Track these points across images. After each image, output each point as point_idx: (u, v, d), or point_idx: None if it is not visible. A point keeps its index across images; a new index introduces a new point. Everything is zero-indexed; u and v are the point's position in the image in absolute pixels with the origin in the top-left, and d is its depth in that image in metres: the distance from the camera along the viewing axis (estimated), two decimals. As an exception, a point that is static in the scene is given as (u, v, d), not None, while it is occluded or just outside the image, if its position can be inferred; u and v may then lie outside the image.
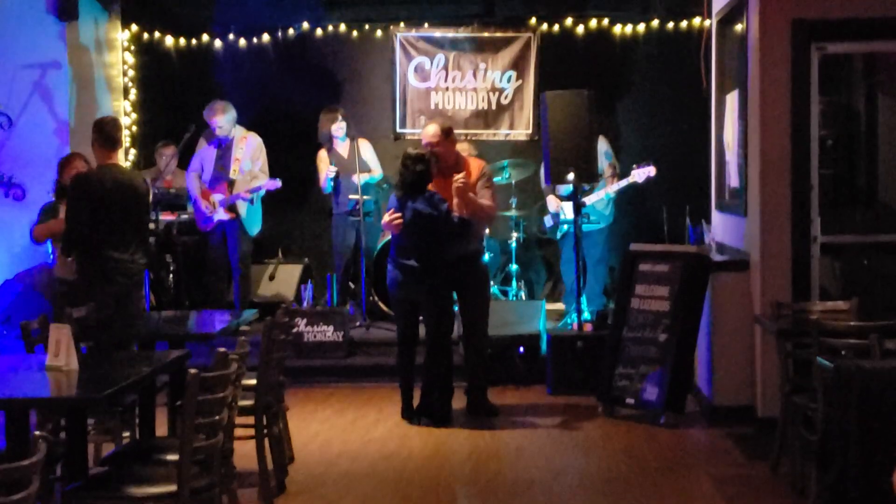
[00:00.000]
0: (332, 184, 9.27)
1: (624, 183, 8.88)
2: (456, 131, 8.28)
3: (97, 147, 6.71)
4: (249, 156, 9.19)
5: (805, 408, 5.45)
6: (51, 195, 7.78)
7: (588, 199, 8.83)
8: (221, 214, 9.12)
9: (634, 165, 8.81)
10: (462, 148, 9.04)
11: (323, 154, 9.36)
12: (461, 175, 7.05)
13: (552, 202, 9.25)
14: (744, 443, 6.59)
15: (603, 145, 9.13)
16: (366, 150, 9.39)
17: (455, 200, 7.04)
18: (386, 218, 7.17)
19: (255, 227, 9.26)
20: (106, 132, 6.72)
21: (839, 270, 7.40)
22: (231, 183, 9.10)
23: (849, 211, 7.83)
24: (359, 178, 9.02)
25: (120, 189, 6.59)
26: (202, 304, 9.14)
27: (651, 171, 8.73)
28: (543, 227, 9.52)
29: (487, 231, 9.38)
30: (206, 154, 9.23)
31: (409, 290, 7.09)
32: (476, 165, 7.38)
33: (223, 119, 9.07)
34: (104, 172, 6.65)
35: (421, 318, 7.23)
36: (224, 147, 9.20)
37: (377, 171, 9.38)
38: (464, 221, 7.02)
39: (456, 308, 7.55)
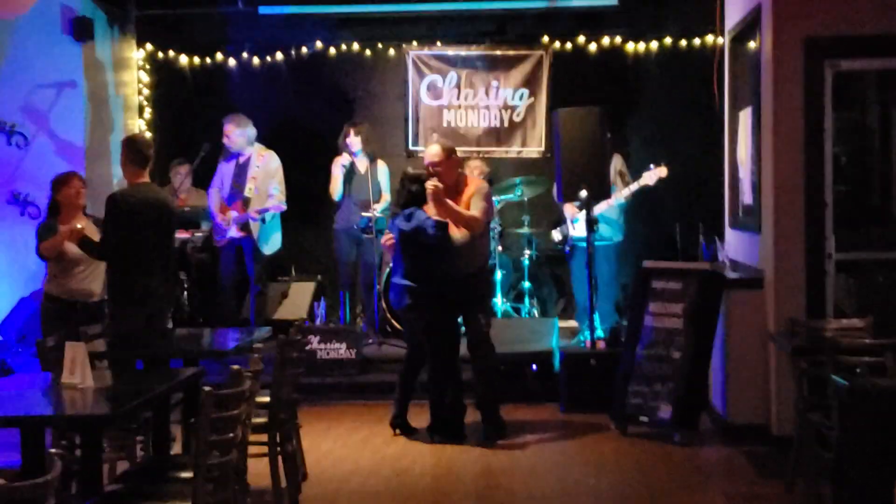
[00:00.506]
0: (343, 185, 9.25)
1: (635, 186, 8.80)
2: (468, 149, 8.33)
3: (128, 165, 6.64)
4: (265, 174, 9.21)
5: (820, 426, 5.43)
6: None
7: (598, 207, 8.64)
8: (234, 231, 9.16)
9: (645, 169, 8.76)
10: (475, 165, 9.08)
11: (338, 159, 9.36)
12: (433, 180, 7.02)
13: (569, 209, 9.16)
14: (758, 461, 6.56)
15: (617, 162, 9.11)
16: (382, 172, 9.41)
17: (432, 205, 7.03)
18: (382, 239, 7.33)
19: (267, 247, 9.27)
20: (139, 149, 6.67)
21: (854, 288, 7.36)
22: (246, 201, 9.14)
23: (863, 228, 7.80)
24: (373, 211, 9.03)
25: (153, 208, 6.58)
26: (217, 322, 9.17)
27: (662, 171, 8.65)
28: (554, 242, 9.48)
29: (501, 248, 9.42)
30: (224, 170, 9.27)
31: (406, 308, 7.12)
32: (475, 184, 7.32)
33: (235, 131, 9.10)
34: (138, 191, 6.63)
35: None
36: (242, 164, 9.24)
37: (387, 197, 9.36)
38: (440, 225, 6.96)
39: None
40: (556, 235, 9.36)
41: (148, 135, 10.01)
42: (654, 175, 8.69)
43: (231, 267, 9.34)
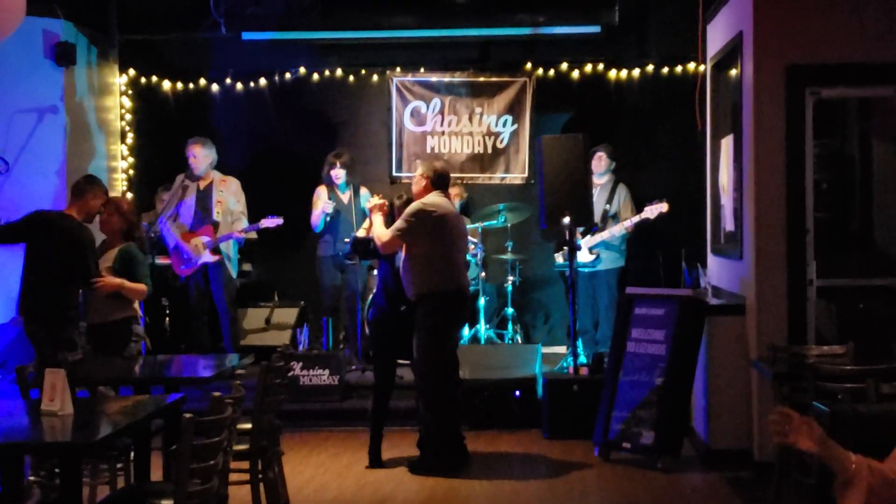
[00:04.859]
0: (325, 221, 9.26)
1: (636, 219, 8.96)
2: (452, 175, 8.22)
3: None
4: (234, 196, 9.23)
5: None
6: None
7: (601, 236, 9.08)
8: (208, 257, 9.10)
9: (647, 203, 8.87)
10: (455, 193, 9.07)
11: (320, 191, 9.34)
12: (377, 197, 7.40)
13: (559, 257, 9.40)
14: (741, 487, 6.56)
15: (622, 190, 9.28)
16: (366, 200, 9.40)
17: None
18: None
19: (236, 269, 9.32)
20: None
21: (835, 314, 7.39)
22: (216, 224, 9.12)
23: (844, 254, 7.85)
24: (361, 233, 9.02)
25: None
26: (198, 349, 9.13)
27: (663, 207, 8.82)
28: (557, 264, 9.58)
29: (483, 275, 9.41)
30: (183, 197, 9.23)
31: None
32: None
33: (203, 152, 9.16)
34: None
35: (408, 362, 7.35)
36: (203, 190, 9.22)
37: None
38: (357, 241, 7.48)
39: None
40: (559, 258, 9.40)
41: (131, 160, 9.98)
42: (655, 210, 8.83)
43: (201, 294, 9.29)
